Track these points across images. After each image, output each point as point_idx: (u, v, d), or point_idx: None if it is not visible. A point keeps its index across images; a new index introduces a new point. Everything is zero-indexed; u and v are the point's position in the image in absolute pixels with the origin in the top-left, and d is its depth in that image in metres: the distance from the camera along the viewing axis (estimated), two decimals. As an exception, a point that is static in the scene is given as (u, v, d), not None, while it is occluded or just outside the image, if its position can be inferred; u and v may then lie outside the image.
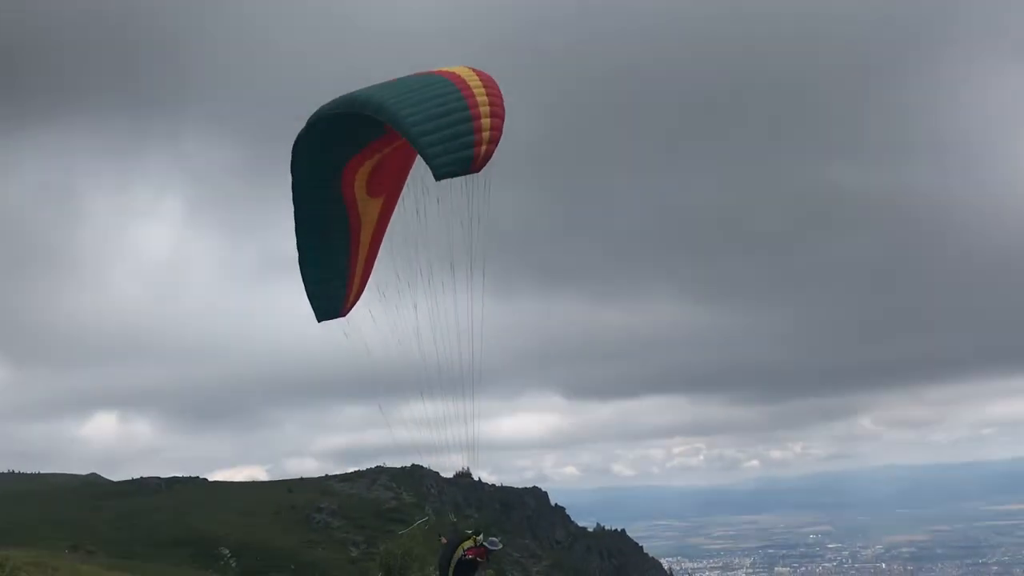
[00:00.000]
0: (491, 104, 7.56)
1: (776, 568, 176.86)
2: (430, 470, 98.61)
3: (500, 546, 12.33)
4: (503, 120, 7.50)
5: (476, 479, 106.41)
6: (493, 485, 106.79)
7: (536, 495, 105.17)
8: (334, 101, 9.28)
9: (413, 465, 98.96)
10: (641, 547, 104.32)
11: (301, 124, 9.91)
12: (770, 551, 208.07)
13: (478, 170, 7.52)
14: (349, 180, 10.17)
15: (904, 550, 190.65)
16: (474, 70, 8.00)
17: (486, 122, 7.38)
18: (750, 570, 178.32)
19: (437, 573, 12.34)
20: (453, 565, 11.83)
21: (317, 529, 75.01)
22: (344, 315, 11.22)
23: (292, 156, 10.06)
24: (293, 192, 10.29)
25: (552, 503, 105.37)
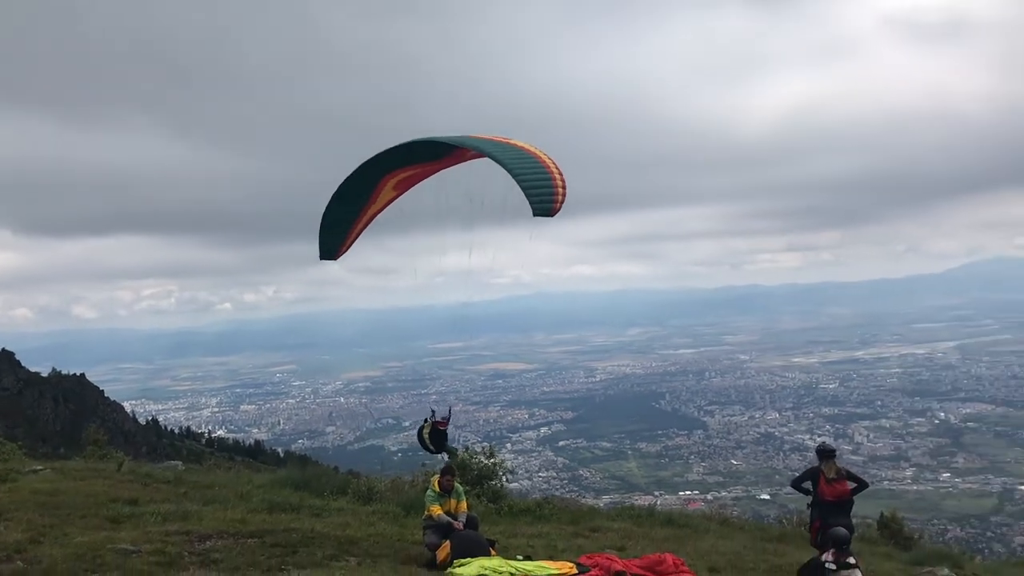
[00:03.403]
0: (561, 177, 11.38)
1: (242, 406, 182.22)
2: None
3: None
4: (566, 189, 11.35)
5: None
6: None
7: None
8: (449, 137, 12.23)
9: None
10: (102, 391, 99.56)
11: None
12: (237, 390, 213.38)
13: (552, 216, 11.23)
14: (389, 178, 13.23)
15: (361, 384, 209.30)
16: (543, 152, 11.75)
17: (560, 190, 11.23)
18: (216, 409, 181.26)
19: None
20: (428, 435, 14.80)
21: None
22: (336, 259, 14.16)
23: (378, 155, 12.62)
24: (351, 173, 12.90)
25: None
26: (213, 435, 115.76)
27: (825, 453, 14.10)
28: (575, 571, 11.81)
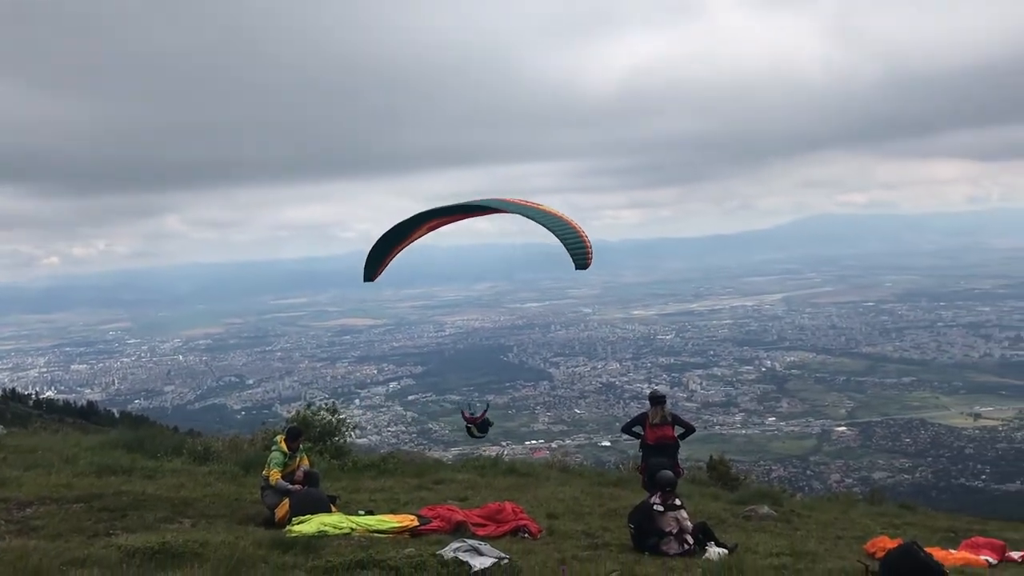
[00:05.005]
0: (586, 236, 13.03)
1: (72, 366, 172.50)
2: None
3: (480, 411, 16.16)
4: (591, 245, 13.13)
5: None
6: None
7: None
8: (497, 202, 13.85)
9: None
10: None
11: None
12: (67, 349, 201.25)
13: (586, 268, 13.09)
14: (429, 224, 14.65)
15: (201, 342, 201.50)
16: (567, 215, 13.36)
17: (589, 248, 12.99)
18: (44, 369, 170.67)
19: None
20: (474, 426, 15.76)
21: None
22: (374, 280, 15.54)
23: (429, 210, 14.36)
24: (400, 221, 14.46)
25: None
26: (41, 396, 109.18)
27: (654, 399, 14.86)
28: (416, 524, 11.96)
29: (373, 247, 15.19)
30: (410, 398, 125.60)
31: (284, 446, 13.20)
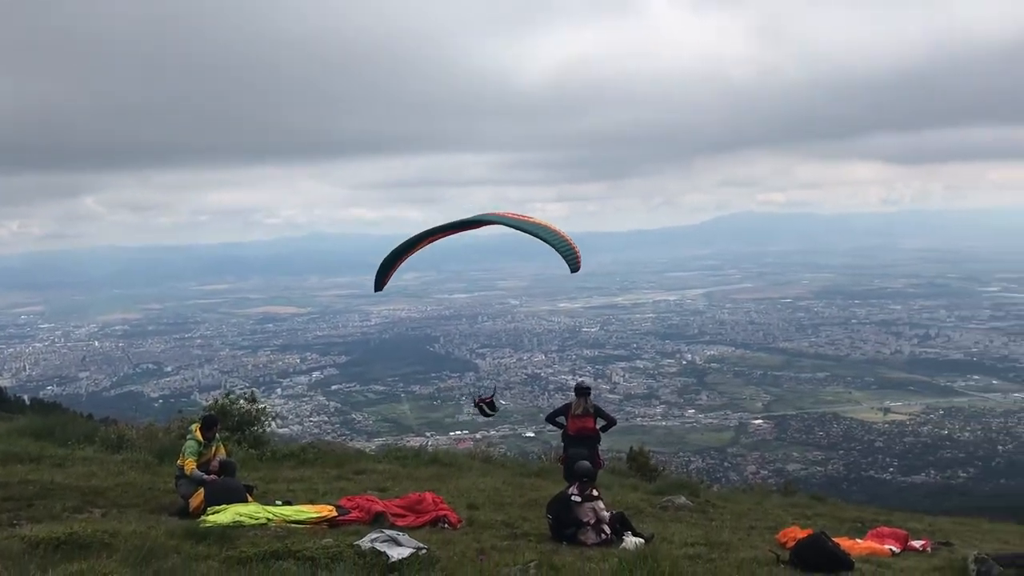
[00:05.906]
0: (576, 246, 13.91)
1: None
2: None
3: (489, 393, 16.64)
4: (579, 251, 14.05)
5: None
6: None
7: None
8: (493, 217, 14.65)
9: None
10: None
11: None
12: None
13: (578, 271, 14.09)
14: (429, 239, 15.07)
15: (118, 328, 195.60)
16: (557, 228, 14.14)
17: (578, 252, 13.89)
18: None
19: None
20: (485, 406, 15.80)
21: None
22: (381, 289, 15.75)
23: (436, 227, 14.94)
24: (408, 239, 15.04)
25: None
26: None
27: (579, 390, 15.04)
28: (335, 514, 11.85)
29: (384, 260, 15.76)
30: (333, 388, 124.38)
31: (199, 435, 12.95)
